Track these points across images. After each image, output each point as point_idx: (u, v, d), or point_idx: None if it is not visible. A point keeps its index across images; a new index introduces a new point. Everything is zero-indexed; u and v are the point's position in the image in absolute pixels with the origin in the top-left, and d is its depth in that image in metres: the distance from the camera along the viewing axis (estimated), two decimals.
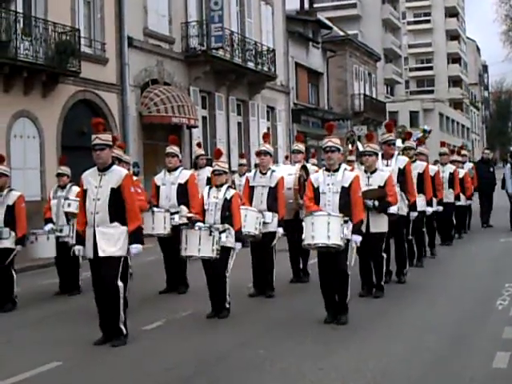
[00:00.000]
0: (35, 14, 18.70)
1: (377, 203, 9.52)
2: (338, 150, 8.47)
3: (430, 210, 12.58)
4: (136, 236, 7.67)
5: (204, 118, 26.70)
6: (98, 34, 21.36)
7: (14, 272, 10.17)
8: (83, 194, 7.75)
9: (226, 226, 8.85)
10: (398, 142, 15.58)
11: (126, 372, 6.76)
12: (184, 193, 10.61)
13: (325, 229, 7.91)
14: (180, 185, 10.65)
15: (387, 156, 10.98)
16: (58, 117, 19.52)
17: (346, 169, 8.58)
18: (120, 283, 7.53)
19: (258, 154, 10.58)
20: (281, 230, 10.25)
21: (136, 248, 7.64)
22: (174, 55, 24.66)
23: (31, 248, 10.78)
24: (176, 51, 24.85)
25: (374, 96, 49.07)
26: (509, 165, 18.37)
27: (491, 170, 19.67)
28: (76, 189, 10.66)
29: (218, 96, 27.38)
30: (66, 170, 11.37)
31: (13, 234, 10.03)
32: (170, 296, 10.56)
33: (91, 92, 20.82)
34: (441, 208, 13.91)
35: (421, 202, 12.25)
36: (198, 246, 8.64)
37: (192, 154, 22.34)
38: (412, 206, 11.09)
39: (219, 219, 8.88)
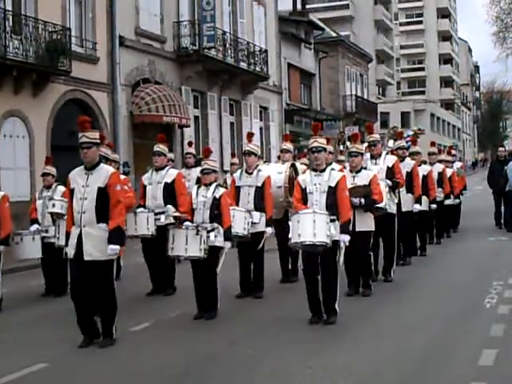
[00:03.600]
0: (25, 12, 18.54)
1: (363, 201, 9.56)
2: (325, 150, 8.49)
3: (417, 207, 12.58)
4: (116, 235, 7.43)
5: (196, 117, 26.65)
6: (90, 33, 21.26)
7: None
8: (70, 194, 7.65)
9: (215, 225, 8.80)
10: (390, 143, 15.64)
11: (114, 373, 6.72)
12: (171, 192, 10.50)
13: (311, 227, 7.91)
14: (167, 184, 10.54)
15: (375, 155, 11.14)
16: (48, 116, 19.42)
17: (332, 169, 8.59)
18: (113, 286, 7.49)
19: (243, 154, 10.51)
20: (269, 230, 10.19)
21: (113, 249, 7.39)
22: (165, 54, 24.60)
23: (16, 249, 10.64)
24: (168, 50, 24.80)
25: (365, 97, 49.21)
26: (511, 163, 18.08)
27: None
28: (61, 189, 10.57)
29: (211, 96, 27.34)
30: (51, 169, 11.20)
31: None
32: (157, 297, 10.50)
33: (82, 91, 20.72)
34: (435, 206, 14.04)
35: (408, 200, 12.40)
36: (185, 245, 8.59)
37: (184, 154, 22.26)
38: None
39: (208, 218, 8.84)
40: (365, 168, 10.14)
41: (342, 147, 29.11)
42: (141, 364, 6.91)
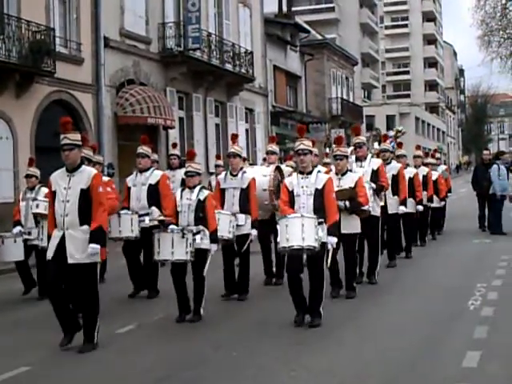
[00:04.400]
0: (8, 11, 18.32)
1: (348, 204, 9.56)
2: (311, 152, 8.46)
3: (403, 209, 12.63)
4: (97, 235, 7.34)
5: (181, 119, 26.57)
6: (74, 33, 21.12)
7: None
8: (52, 196, 7.55)
9: (200, 227, 8.74)
10: (375, 145, 15.68)
11: (98, 376, 6.65)
12: (155, 194, 10.43)
13: (299, 231, 7.87)
14: (151, 185, 10.48)
15: (360, 158, 11.15)
16: (32, 117, 19.25)
17: (319, 171, 8.57)
18: (96, 289, 7.41)
19: (228, 156, 10.45)
20: (254, 232, 10.13)
21: (93, 248, 7.30)
22: (150, 56, 24.51)
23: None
24: (153, 52, 24.72)
25: (351, 100, 49.37)
26: (495, 166, 18.11)
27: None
28: (45, 190, 10.46)
29: (196, 97, 27.28)
30: (34, 171, 11.11)
31: None
32: (141, 300, 10.43)
33: (66, 92, 20.57)
34: (421, 208, 14.15)
35: (394, 203, 12.47)
36: (172, 249, 8.51)
37: (168, 155, 22.18)
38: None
39: (193, 221, 8.77)
40: (350, 170, 10.15)
41: (327, 150, 29.09)
42: (125, 367, 6.86)
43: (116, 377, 6.56)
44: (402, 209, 12.60)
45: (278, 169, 11.21)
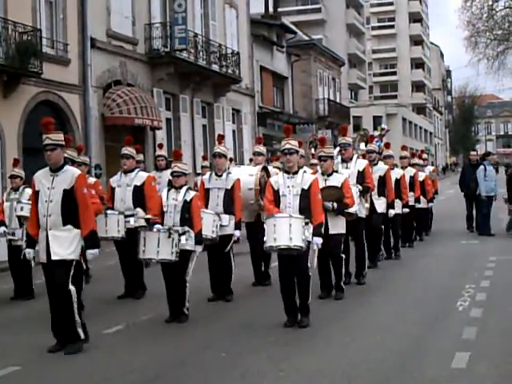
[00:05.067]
0: None
1: (335, 205, 9.54)
2: (297, 152, 8.42)
3: (392, 212, 12.68)
4: (92, 240, 7.44)
5: (168, 119, 26.58)
6: (60, 34, 21.11)
7: None
8: (35, 196, 7.55)
9: (186, 228, 8.73)
10: (362, 146, 15.67)
11: (86, 376, 6.66)
12: (140, 195, 10.44)
13: (287, 231, 7.88)
14: (136, 187, 10.47)
15: (346, 159, 11.12)
16: (19, 118, 19.22)
17: (305, 171, 8.58)
18: (72, 287, 7.32)
19: (213, 156, 10.46)
20: (237, 233, 10.11)
21: (92, 254, 7.45)
22: (137, 56, 24.52)
23: None
24: (139, 52, 24.72)
25: (338, 101, 49.39)
26: (482, 166, 18.04)
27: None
28: (29, 191, 10.38)
29: (183, 98, 27.30)
30: (19, 171, 11.11)
31: None
32: (129, 300, 10.42)
33: (53, 93, 20.55)
34: (407, 210, 14.09)
35: (381, 204, 12.44)
36: (157, 248, 8.52)
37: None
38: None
39: (178, 221, 8.77)
40: (336, 171, 10.14)
41: (313, 150, 29.12)
42: (113, 367, 6.87)
43: (104, 377, 6.56)
44: (392, 212, 12.60)
45: (265, 169, 11.21)
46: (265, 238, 8.08)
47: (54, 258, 7.33)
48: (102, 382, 6.45)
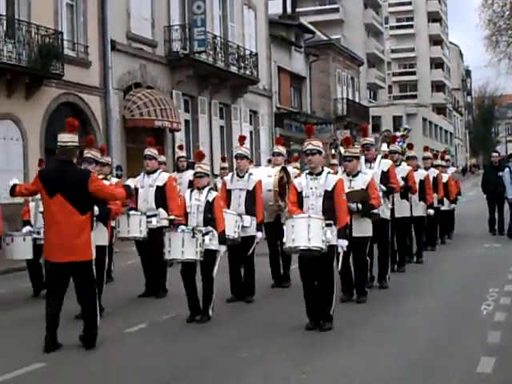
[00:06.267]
0: (18, 16, 18.67)
1: (360, 206, 9.41)
2: (320, 152, 8.26)
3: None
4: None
5: (187, 121, 26.72)
6: (81, 37, 21.36)
7: None
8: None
9: (209, 228, 8.78)
10: (384, 146, 15.58)
11: (107, 374, 6.75)
12: (162, 195, 10.53)
13: (305, 231, 7.76)
14: (158, 187, 10.56)
15: (369, 159, 10.98)
16: (41, 119, 19.50)
17: (329, 172, 8.47)
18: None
19: (235, 157, 10.54)
20: (259, 234, 10.11)
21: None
22: (156, 59, 24.70)
23: (7, 250, 10.66)
24: (159, 55, 24.89)
25: (356, 100, 49.20)
26: (507, 169, 17.69)
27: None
28: None
29: (201, 100, 27.44)
30: None
31: None
32: (151, 299, 10.48)
33: (74, 95, 20.81)
34: (432, 212, 13.93)
35: (404, 207, 12.34)
36: (182, 248, 8.57)
37: (175, 157, 22.39)
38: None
39: (202, 222, 8.83)
40: (361, 172, 9.96)
41: (333, 151, 29.14)
42: (134, 365, 6.92)
43: (126, 375, 6.62)
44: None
45: (284, 170, 11.17)
46: (284, 239, 8.01)
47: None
48: (124, 380, 6.52)
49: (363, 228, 9.59)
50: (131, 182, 10.50)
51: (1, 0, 18.36)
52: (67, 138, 7.59)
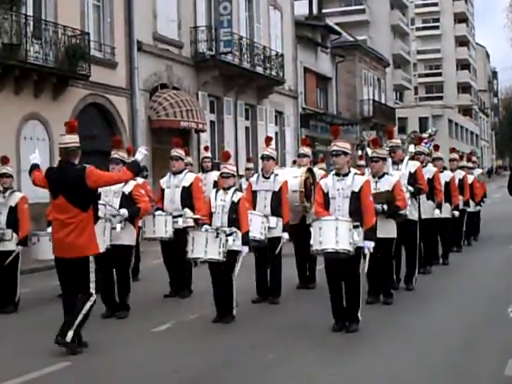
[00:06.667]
0: (45, 17, 18.81)
1: (386, 207, 9.36)
2: (345, 153, 8.21)
3: (438, 213, 12.43)
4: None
5: (212, 122, 26.74)
6: (108, 38, 21.45)
7: (18, 273, 10.12)
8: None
9: (233, 229, 8.78)
10: (411, 148, 15.49)
11: (134, 373, 6.77)
12: (188, 196, 10.55)
13: (333, 234, 7.74)
14: (184, 187, 10.59)
15: (396, 161, 10.91)
16: (67, 120, 19.53)
17: (356, 173, 8.41)
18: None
19: (261, 158, 10.51)
20: (286, 235, 10.07)
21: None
22: (182, 60, 24.74)
23: (33, 249, 10.68)
24: (185, 56, 24.93)
25: (383, 102, 49.01)
26: None
27: None
28: None
29: (227, 100, 27.45)
30: None
31: (15, 235, 10.01)
32: (176, 299, 10.53)
33: (101, 96, 20.90)
34: (457, 213, 13.84)
35: (429, 208, 12.23)
36: (205, 248, 8.58)
37: (200, 158, 22.41)
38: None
39: (226, 222, 8.84)
40: (387, 173, 9.92)
41: (360, 152, 28.96)
42: (161, 365, 6.95)
43: (152, 375, 6.63)
44: (437, 213, 12.35)
45: (310, 171, 11.09)
46: (311, 241, 7.98)
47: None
48: (149, 380, 6.53)
49: (387, 229, 9.53)
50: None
51: (28, 1, 18.48)
52: (69, 139, 7.67)
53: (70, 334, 7.32)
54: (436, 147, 14.93)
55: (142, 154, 7.81)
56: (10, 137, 17.80)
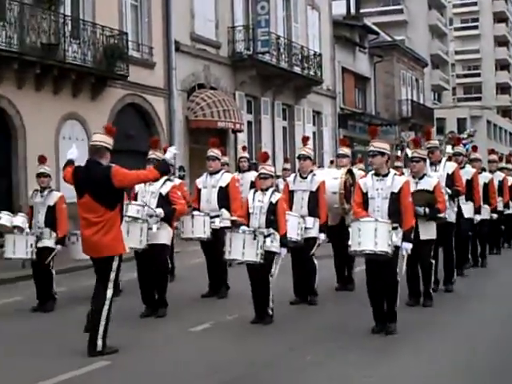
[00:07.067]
0: (83, 17, 18.95)
1: (427, 210, 9.26)
2: (382, 154, 8.12)
3: (478, 217, 12.25)
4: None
5: (249, 122, 26.73)
6: (146, 37, 21.55)
7: (53, 272, 10.17)
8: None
9: (271, 230, 8.70)
10: (448, 148, 15.34)
11: (174, 372, 6.77)
12: (225, 196, 10.53)
13: (372, 235, 7.67)
14: (221, 188, 10.57)
15: (434, 162, 10.76)
16: (106, 120, 19.60)
17: (395, 174, 8.31)
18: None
19: (298, 158, 10.41)
20: (322, 236, 9.99)
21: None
22: (220, 60, 24.74)
23: (72, 249, 10.71)
24: (222, 56, 24.94)
25: (421, 102, 48.63)
26: None
27: None
28: None
29: (264, 100, 27.40)
30: None
31: (54, 234, 10.07)
32: (213, 300, 10.53)
33: (139, 96, 20.99)
34: (496, 216, 13.65)
35: (469, 209, 12.06)
36: (242, 249, 8.52)
37: (237, 158, 22.38)
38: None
39: (264, 223, 8.76)
40: (426, 174, 9.83)
41: (399, 153, 28.72)
42: (200, 365, 6.95)
43: (190, 375, 6.62)
44: (477, 218, 12.13)
45: (350, 172, 10.97)
46: (349, 242, 7.93)
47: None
48: (190, 379, 6.53)
49: (427, 231, 9.44)
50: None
51: (66, 1, 18.63)
52: (99, 138, 7.73)
53: (100, 342, 7.35)
54: (474, 148, 14.72)
55: (170, 154, 7.83)
56: (49, 136, 17.97)
